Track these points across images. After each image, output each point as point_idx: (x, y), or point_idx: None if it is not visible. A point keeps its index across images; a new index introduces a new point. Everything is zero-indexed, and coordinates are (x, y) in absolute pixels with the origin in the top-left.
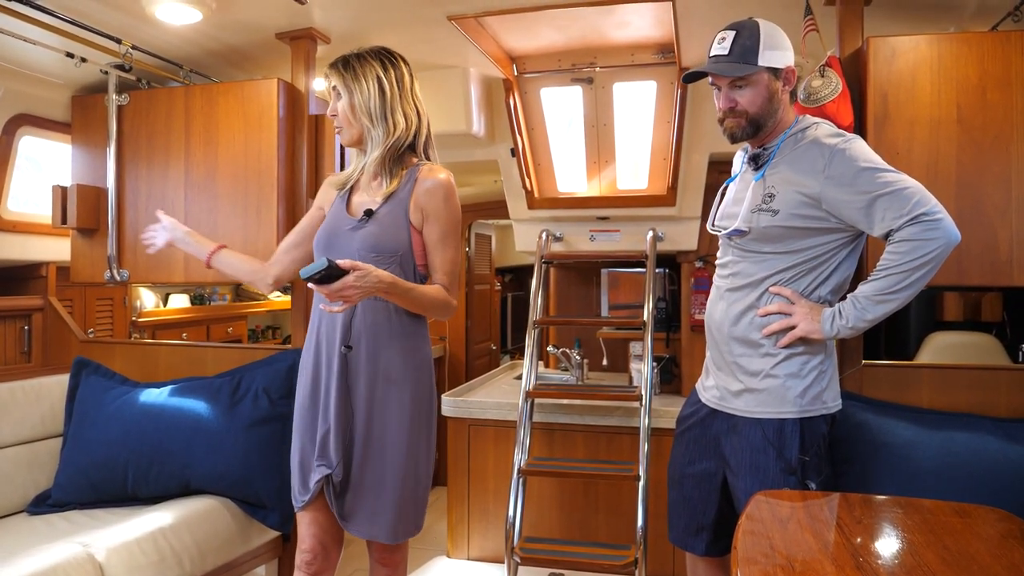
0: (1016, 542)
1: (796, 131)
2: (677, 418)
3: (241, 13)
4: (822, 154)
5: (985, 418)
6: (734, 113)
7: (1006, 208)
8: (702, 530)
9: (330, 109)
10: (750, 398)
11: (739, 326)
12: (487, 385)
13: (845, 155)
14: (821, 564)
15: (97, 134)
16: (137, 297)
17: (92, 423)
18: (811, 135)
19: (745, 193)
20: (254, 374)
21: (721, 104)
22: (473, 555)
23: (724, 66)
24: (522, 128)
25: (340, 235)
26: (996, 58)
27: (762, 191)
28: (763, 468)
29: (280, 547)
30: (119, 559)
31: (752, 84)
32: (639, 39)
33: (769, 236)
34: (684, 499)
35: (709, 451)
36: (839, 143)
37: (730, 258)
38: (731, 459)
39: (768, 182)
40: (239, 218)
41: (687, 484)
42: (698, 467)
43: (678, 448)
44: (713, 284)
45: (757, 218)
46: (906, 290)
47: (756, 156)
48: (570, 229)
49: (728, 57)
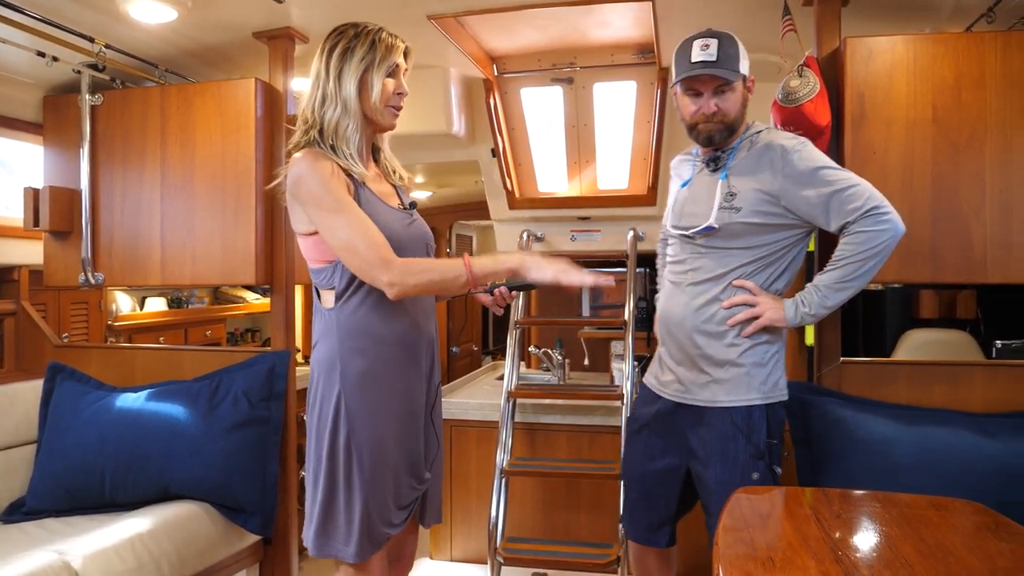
0: (990, 534)
1: (751, 134)
2: (629, 418)
3: (217, 12)
4: (780, 155)
5: (961, 413)
6: (715, 118)
7: (980, 207)
8: (664, 524)
9: (403, 86)
10: (717, 388)
11: (703, 319)
12: (469, 386)
13: (802, 155)
14: (801, 558)
15: (70, 135)
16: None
17: (67, 429)
18: (765, 138)
19: (705, 194)
20: (233, 377)
21: (704, 108)
22: (456, 556)
23: (721, 71)
24: (502, 128)
25: (403, 231)
26: (971, 59)
27: (725, 190)
28: (733, 455)
29: (261, 551)
30: (96, 566)
31: (733, 90)
32: (619, 39)
33: (733, 232)
34: (645, 496)
35: (673, 446)
36: (795, 145)
37: (689, 255)
38: (699, 450)
39: (729, 182)
40: (217, 220)
41: (648, 481)
42: (660, 463)
43: (636, 446)
44: (666, 281)
45: (722, 215)
46: (861, 278)
47: (716, 159)
48: (551, 229)
49: (716, 63)
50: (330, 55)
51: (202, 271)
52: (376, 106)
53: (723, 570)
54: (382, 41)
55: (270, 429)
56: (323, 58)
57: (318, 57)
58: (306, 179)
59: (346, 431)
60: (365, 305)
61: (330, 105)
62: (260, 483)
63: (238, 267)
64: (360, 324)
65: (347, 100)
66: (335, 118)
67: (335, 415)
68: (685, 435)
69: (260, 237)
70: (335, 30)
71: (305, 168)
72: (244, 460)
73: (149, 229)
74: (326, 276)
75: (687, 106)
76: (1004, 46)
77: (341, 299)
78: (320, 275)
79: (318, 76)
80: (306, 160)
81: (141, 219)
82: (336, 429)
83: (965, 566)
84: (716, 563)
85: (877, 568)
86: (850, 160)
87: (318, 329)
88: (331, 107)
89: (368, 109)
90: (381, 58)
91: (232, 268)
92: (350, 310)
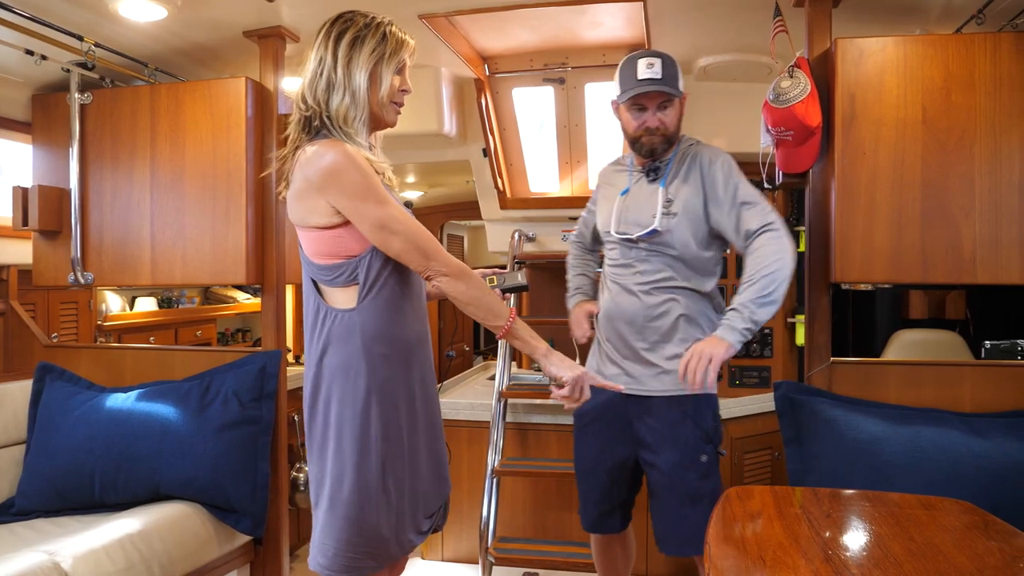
0: (979, 533)
1: (684, 147)
2: (576, 414)
3: (208, 10)
4: (706, 166)
5: (950, 413)
6: (658, 131)
7: (970, 208)
8: (615, 510)
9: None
10: (667, 379)
11: (654, 318)
12: (460, 386)
13: (724, 168)
14: (791, 558)
15: (59, 134)
16: (102, 300)
17: (57, 429)
18: (695, 151)
19: (646, 201)
20: (224, 377)
21: (649, 122)
22: (448, 556)
23: (667, 88)
24: (494, 128)
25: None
26: (960, 60)
27: (664, 197)
28: (683, 439)
29: (252, 552)
30: (86, 567)
31: (674, 106)
32: (611, 39)
33: (673, 236)
34: (598, 487)
35: (623, 436)
36: (721, 159)
37: (633, 259)
38: (648, 437)
39: (668, 190)
40: (207, 219)
41: (600, 472)
42: (612, 454)
43: (587, 440)
44: (613, 283)
45: (664, 221)
46: (778, 289)
47: (655, 169)
48: (542, 229)
49: (662, 81)
50: (338, 41)
51: (192, 271)
52: (383, 101)
53: (714, 569)
54: (393, 35)
55: (261, 429)
56: (329, 43)
57: (322, 42)
58: (346, 169)
59: (379, 444)
60: (389, 305)
61: (337, 93)
62: (251, 483)
63: (229, 267)
64: (385, 327)
65: (356, 91)
66: (343, 108)
67: (363, 426)
68: (632, 425)
69: (251, 237)
70: (340, 17)
71: (341, 157)
72: (235, 460)
73: (139, 229)
74: (344, 273)
75: (631, 120)
76: (994, 48)
77: (366, 297)
78: (334, 272)
79: (321, 61)
80: (338, 148)
81: (131, 219)
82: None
83: (954, 565)
84: (707, 563)
85: (867, 567)
86: (840, 161)
87: (327, 332)
88: (338, 95)
89: (375, 103)
90: (392, 52)
91: (223, 268)
92: (375, 310)
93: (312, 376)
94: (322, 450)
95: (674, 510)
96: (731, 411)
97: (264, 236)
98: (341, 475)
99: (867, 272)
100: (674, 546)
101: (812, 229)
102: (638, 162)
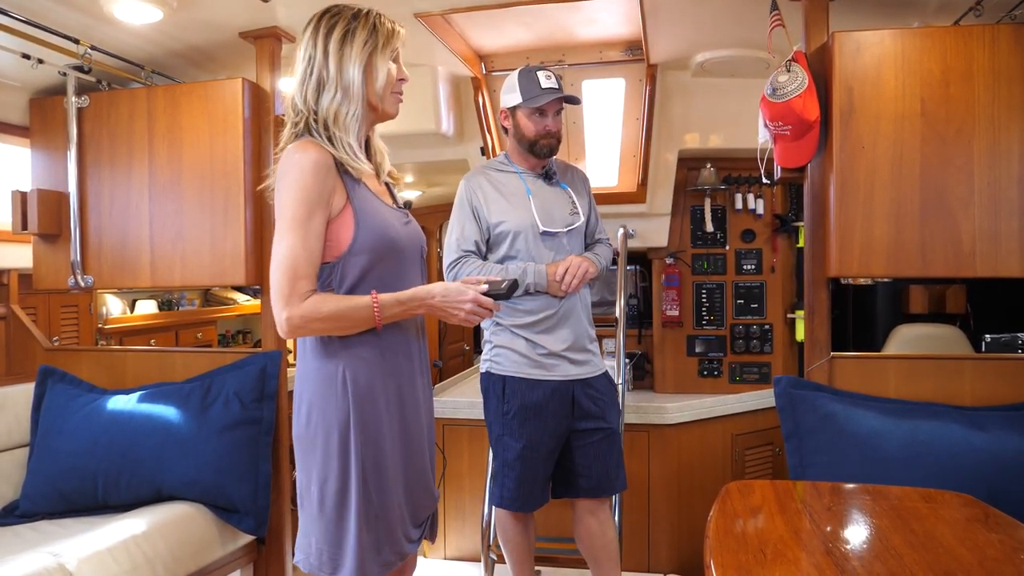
0: (980, 525)
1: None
2: (523, 405)
3: (203, 12)
4: (582, 179)
5: (950, 407)
6: (556, 135)
7: (969, 201)
8: (546, 484)
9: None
10: (596, 360)
11: (587, 309)
12: (461, 385)
13: (587, 181)
14: (792, 551)
15: (57, 137)
16: (103, 304)
17: (59, 432)
18: (561, 162)
19: (558, 200)
20: (225, 378)
21: (551, 127)
22: (450, 554)
23: (566, 96)
24: (491, 126)
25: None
26: (958, 52)
27: (571, 198)
28: (615, 401)
29: (255, 551)
30: (91, 568)
31: (561, 115)
32: (607, 36)
33: (582, 232)
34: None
35: (567, 415)
36: (584, 173)
37: (566, 255)
38: (592, 408)
39: (570, 192)
40: (206, 221)
41: (543, 453)
42: (557, 435)
43: (537, 425)
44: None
45: (578, 218)
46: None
47: (549, 172)
48: None
49: (561, 90)
50: (327, 37)
51: (192, 272)
52: (383, 92)
53: (715, 563)
54: (383, 24)
55: (262, 430)
56: (318, 41)
57: (309, 40)
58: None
59: (359, 450)
60: None
61: (328, 91)
62: (253, 483)
63: (228, 268)
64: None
65: (349, 86)
66: (334, 105)
67: (343, 432)
68: (577, 402)
69: (249, 238)
70: (326, 11)
71: (293, 166)
72: (237, 461)
73: (138, 231)
74: (323, 277)
75: (531, 125)
76: (992, 40)
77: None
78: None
79: (310, 60)
80: (300, 155)
81: (130, 221)
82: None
83: (955, 557)
84: (708, 556)
85: (867, 560)
86: (839, 155)
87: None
88: (329, 93)
89: (373, 96)
90: (385, 41)
91: (222, 269)
92: None
93: (297, 381)
94: (306, 454)
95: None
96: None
97: (263, 237)
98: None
99: (866, 266)
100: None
101: (811, 224)
102: (529, 165)
